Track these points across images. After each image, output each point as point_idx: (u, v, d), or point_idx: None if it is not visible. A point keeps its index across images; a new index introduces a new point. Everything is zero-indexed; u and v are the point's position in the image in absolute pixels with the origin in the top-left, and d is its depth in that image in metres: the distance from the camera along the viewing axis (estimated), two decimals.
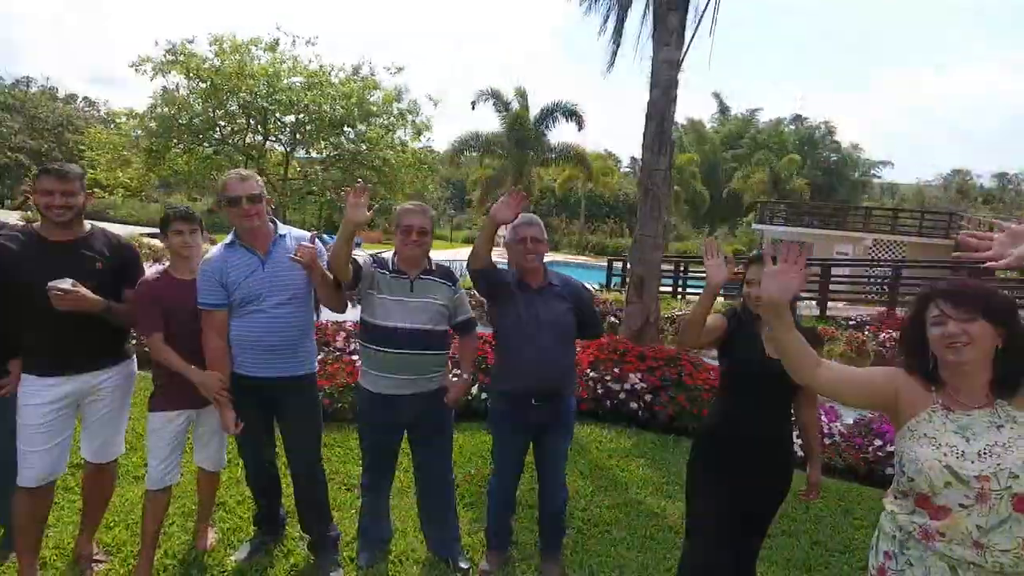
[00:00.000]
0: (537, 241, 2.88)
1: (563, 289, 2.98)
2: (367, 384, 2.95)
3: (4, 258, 2.56)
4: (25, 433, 2.66)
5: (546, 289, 2.93)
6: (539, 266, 2.92)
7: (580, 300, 3.01)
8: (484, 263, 2.82)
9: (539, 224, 2.92)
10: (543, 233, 2.92)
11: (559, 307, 2.90)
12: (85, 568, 2.91)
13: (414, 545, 3.24)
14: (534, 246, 2.88)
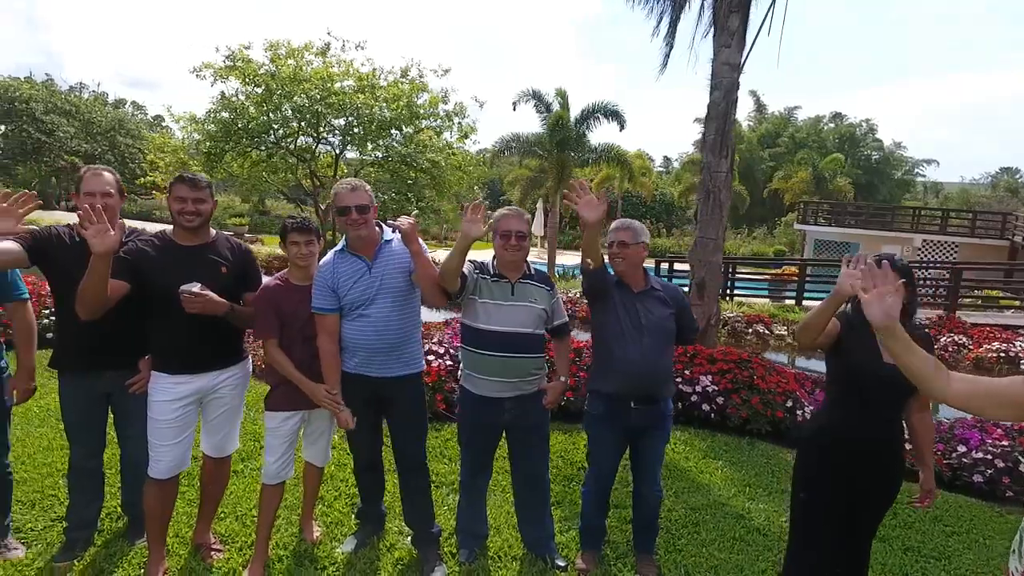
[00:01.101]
0: (623, 245, 2.94)
1: (665, 293, 3.03)
2: (469, 386, 3.05)
3: (141, 262, 2.72)
4: (156, 428, 2.82)
5: (648, 293, 2.99)
6: (628, 270, 2.98)
7: (681, 305, 3.06)
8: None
9: (631, 228, 2.97)
10: (634, 237, 2.96)
11: (661, 311, 2.96)
12: (205, 556, 3.06)
13: (510, 542, 3.33)
14: (620, 250, 2.95)
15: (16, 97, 29.86)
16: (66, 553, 2.99)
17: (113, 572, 2.91)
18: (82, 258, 2.75)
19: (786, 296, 15.50)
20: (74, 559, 2.97)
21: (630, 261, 2.95)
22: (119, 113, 38.06)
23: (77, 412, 2.96)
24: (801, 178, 33.01)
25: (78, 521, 3.08)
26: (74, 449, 3.03)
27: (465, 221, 2.71)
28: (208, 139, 12.81)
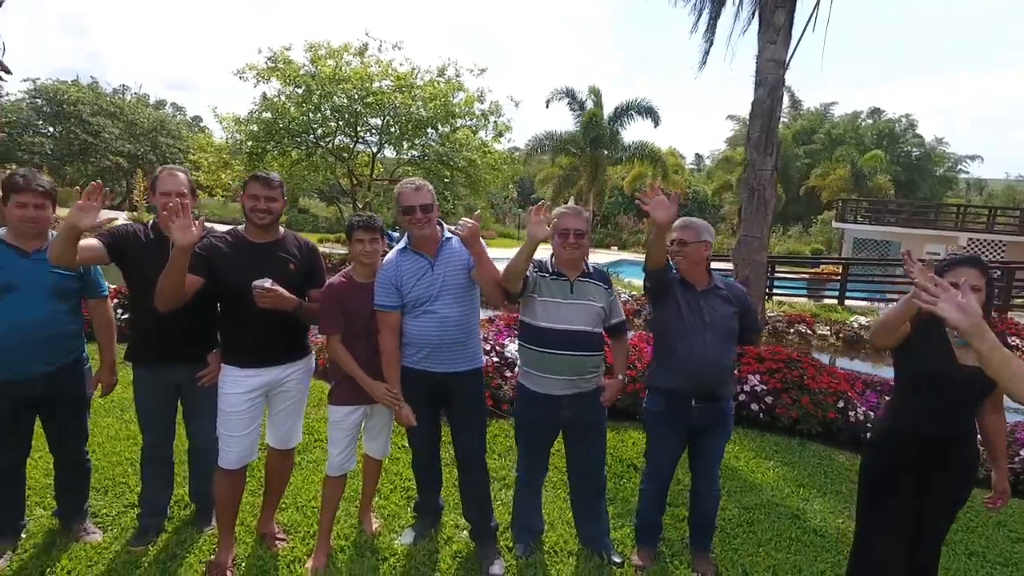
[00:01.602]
0: (684, 243, 2.94)
1: (729, 292, 3.02)
2: (527, 383, 3.08)
3: (215, 258, 2.81)
4: (226, 419, 2.91)
5: (711, 291, 2.98)
6: (689, 267, 2.97)
7: (744, 305, 3.05)
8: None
9: (692, 227, 2.96)
10: (695, 235, 2.95)
11: (725, 310, 2.95)
12: (270, 544, 3.15)
13: (565, 538, 3.35)
14: (680, 248, 2.95)
15: (64, 100, 30.90)
16: (140, 538, 3.11)
17: (185, 557, 3.01)
18: (156, 255, 2.87)
19: (825, 295, 15.22)
20: (148, 544, 3.08)
21: (691, 259, 2.95)
22: (160, 114, 39.10)
23: (150, 403, 3.08)
24: (839, 175, 32.31)
25: (150, 508, 3.20)
26: (147, 438, 3.15)
27: (531, 224, 2.74)
28: (251, 139, 13.08)
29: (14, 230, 2.80)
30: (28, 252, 2.79)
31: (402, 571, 3.03)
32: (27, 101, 31.51)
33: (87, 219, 2.48)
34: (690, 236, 2.94)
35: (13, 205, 2.77)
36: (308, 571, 2.97)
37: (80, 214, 2.47)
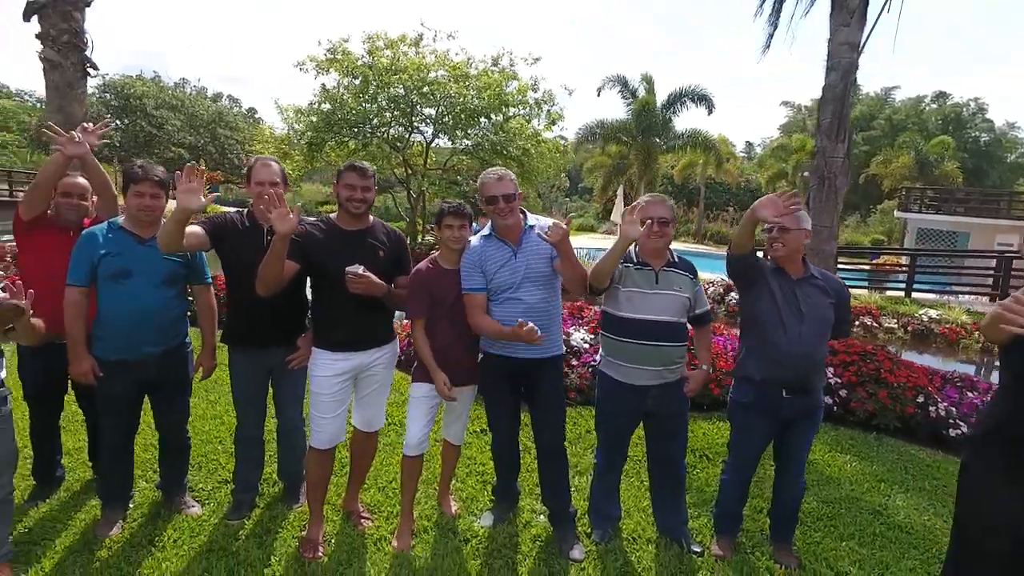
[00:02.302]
0: (785, 230, 2.87)
1: (825, 282, 2.96)
2: (611, 372, 3.09)
3: (309, 245, 2.91)
4: (318, 401, 3.02)
5: (807, 280, 2.93)
6: (788, 255, 2.92)
7: (841, 297, 2.98)
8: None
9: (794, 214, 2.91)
10: (797, 222, 2.89)
11: (821, 300, 2.90)
12: (356, 523, 3.27)
13: (643, 525, 3.37)
14: (781, 235, 2.89)
15: (131, 94, 32.27)
16: (235, 512, 3.26)
17: (279, 532, 3.15)
18: (251, 242, 2.99)
19: (887, 287, 14.70)
20: (243, 518, 3.24)
21: (791, 247, 2.90)
22: (218, 107, 40.42)
23: (244, 384, 3.22)
24: (903, 163, 30.99)
25: (243, 484, 3.35)
26: (240, 418, 3.29)
27: (625, 223, 2.75)
28: (310, 129, 13.39)
29: (131, 218, 2.96)
30: (144, 239, 2.95)
31: (484, 553, 3.09)
32: (97, 96, 32.96)
33: (194, 200, 2.58)
34: (792, 223, 2.88)
35: (131, 194, 2.93)
36: (394, 549, 3.06)
37: (188, 196, 2.57)
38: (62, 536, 3.02)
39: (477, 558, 3.05)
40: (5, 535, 2.73)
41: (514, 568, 2.99)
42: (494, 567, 2.98)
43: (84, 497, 3.37)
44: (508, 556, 3.07)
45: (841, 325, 2.99)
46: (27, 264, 3.05)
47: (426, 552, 3.06)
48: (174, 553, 2.93)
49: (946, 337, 9.25)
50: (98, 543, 2.96)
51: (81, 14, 6.15)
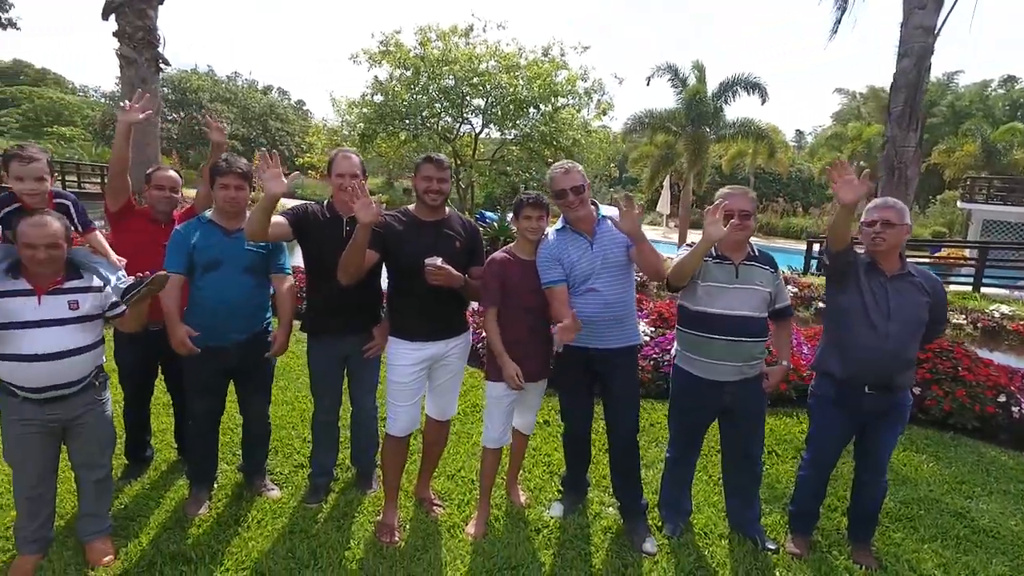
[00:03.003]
0: (889, 224, 2.77)
1: (924, 282, 2.85)
2: (687, 367, 3.06)
3: (389, 236, 2.96)
4: (394, 390, 3.08)
5: (903, 277, 2.83)
6: (889, 251, 2.82)
7: (938, 297, 2.86)
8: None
9: (896, 208, 2.80)
10: (899, 217, 2.78)
11: (916, 299, 2.79)
12: (428, 510, 3.33)
13: (715, 521, 3.33)
14: (883, 229, 2.79)
15: (187, 88, 33.31)
16: (313, 496, 3.36)
17: (354, 517, 3.24)
18: (332, 233, 3.07)
19: (949, 281, 14.11)
20: (320, 502, 3.33)
21: (891, 242, 2.80)
22: (269, 99, 41.38)
23: (321, 372, 3.31)
24: (968, 151, 29.57)
25: (320, 469, 3.45)
26: (318, 404, 3.39)
27: (708, 224, 2.71)
28: (362, 121, 13.60)
29: (219, 211, 3.07)
30: (230, 231, 3.05)
31: (556, 543, 3.12)
32: None
33: (277, 186, 2.64)
34: (895, 217, 2.78)
35: (218, 187, 3.04)
36: (469, 537, 3.11)
37: (272, 182, 2.64)
38: (155, 513, 3.17)
39: (549, 548, 3.08)
40: (106, 510, 2.89)
41: (587, 559, 3.00)
42: (567, 557, 3.00)
43: (171, 477, 3.53)
44: (580, 547, 3.08)
45: (935, 325, 2.88)
46: (121, 254, 3.18)
47: (499, 540, 3.10)
48: (259, 533, 3.04)
49: (1019, 334, 8.83)
50: (188, 521, 3.10)
51: (155, 12, 6.36)
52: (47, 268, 2.49)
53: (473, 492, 3.51)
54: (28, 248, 2.44)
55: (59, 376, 2.53)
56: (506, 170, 14.63)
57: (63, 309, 2.51)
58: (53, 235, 2.47)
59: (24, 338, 2.44)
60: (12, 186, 2.78)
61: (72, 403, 2.61)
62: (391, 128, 13.68)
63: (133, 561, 2.78)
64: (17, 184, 2.75)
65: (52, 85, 47.43)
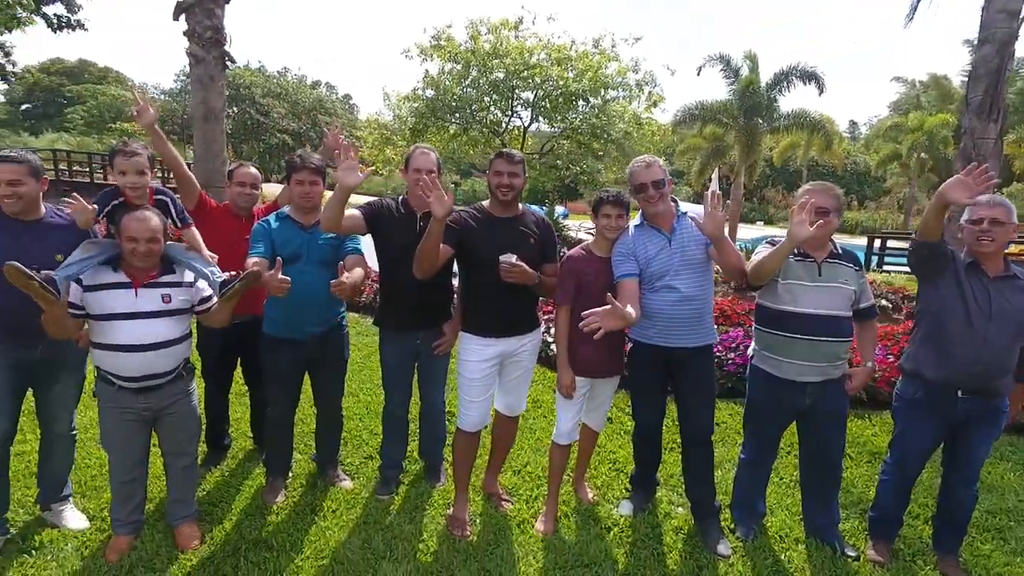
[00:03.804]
0: (998, 223, 2.62)
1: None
2: (766, 367, 2.98)
3: (464, 231, 2.97)
4: (466, 385, 3.10)
5: (1007, 280, 2.68)
6: (995, 251, 2.68)
7: None
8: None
9: (1004, 205, 2.65)
10: (1008, 215, 2.64)
11: (1020, 302, 2.65)
12: (497, 504, 3.34)
13: (789, 524, 3.26)
14: (992, 227, 2.63)
15: (241, 84, 34.17)
16: (384, 488, 3.41)
17: (426, 510, 3.27)
18: (405, 228, 3.09)
19: None
20: (391, 494, 3.38)
21: (1000, 241, 2.66)
22: (318, 93, 42.15)
23: (393, 366, 3.34)
24: None
25: (389, 461, 3.50)
26: (388, 398, 3.43)
27: (794, 224, 2.62)
28: (413, 115, 13.72)
29: (295, 206, 3.13)
30: (307, 226, 3.11)
31: (628, 541, 3.09)
32: None
33: (351, 177, 2.69)
34: (1003, 215, 2.63)
35: (293, 183, 3.10)
36: (539, 533, 3.12)
37: (347, 173, 2.69)
38: (236, 500, 3.27)
39: (621, 547, 3.05)
40: (192, 496, 2.99)
41: (661, 559, 2.97)
42: (640, 557, 2.97)
43: (248, 465, 3.63)
44: (652, 547, 3.05)
45: None
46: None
47: (570, 537, 3.10)
48: (334, 523, 3.10)
49: None
50: (267, 508, 3.18)
51: (221, 10, 6.54)
52: (145, 262, 2.59)
53: (540, 488, 3.51)
54: (130, 241, 2.55)
55: (152, 366, 2.63)
56: (556, 163, 14.55)
57: (157, 302, 2.61)
58: (153, 230, 2.57)
59: (121, 329, 2.55)
60: (116, 180, 2.91)
61: (163, 393, 2.71)
62: (440, 122, 13.76)
63: (218, 546, 2.88)
64: (120, 178, 2.88)
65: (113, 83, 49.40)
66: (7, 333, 2.59)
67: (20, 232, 2.61)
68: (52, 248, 2.62)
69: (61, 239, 2.66)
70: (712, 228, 2.72)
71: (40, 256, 2.56)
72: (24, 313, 2.53)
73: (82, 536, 2.90)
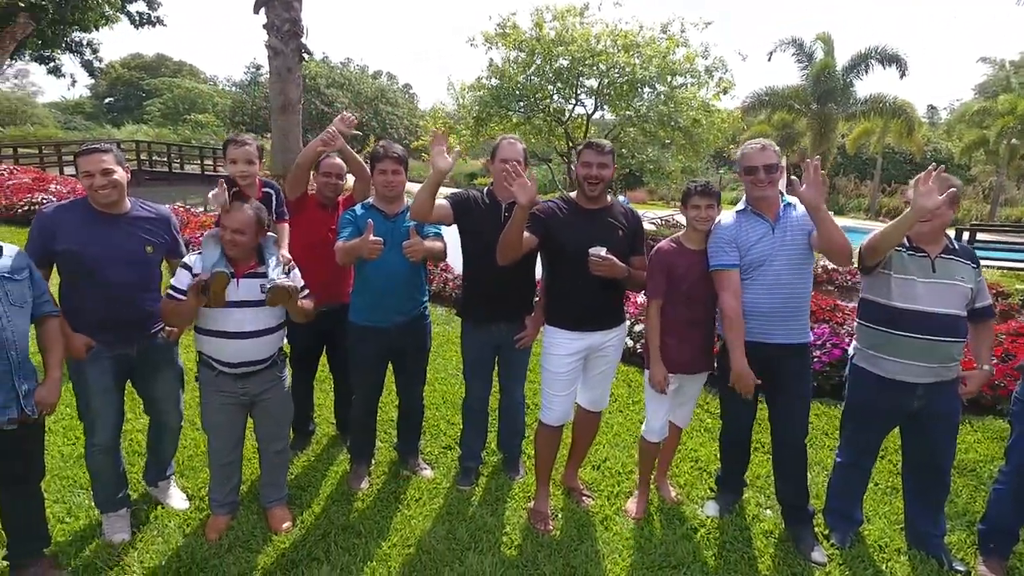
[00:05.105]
0: None
1: None
2: (869, 366, 2.83)
3: (551, 221, 2.92)
4: (550, 379, 3.06)
5: None
6: None
7: None
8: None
9: None
10: None
11: None
12: (578, 499, 3.30)
13: (888, 534, 3.09)
14: None
15: (306, 75, 34.95)
16: (465, 478, 3.42)
17: (507, 502, 3.26)
18: (492, 219, 3.05)
19: None
20: (472, 485, 3.39)
21: None
22: (379, 84, 42.79)
23: (475, 357, 3.33)
24: None
25: (469, 452, 3.50)
26: (469, 390, 3.43)
27: (920, 194, 2.45)
28: (478, 104, 13.73)
29: (378, 195, 3.15)
30: (389, 215, 3.12)
31: (716, 543, 3.00)
32: None
33: (443, 162, 2.72)
34: None
35: (376, 172, 3.12)
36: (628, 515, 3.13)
37: (438, 159, 2.72)
38: (323, 485, 3.34)
39: (709, 548, 2.97)
40: (283, 479, 3.07)
41: (752, 563, 2.87)
42: (730, 560, 2.88)
43: (332, 451, 3.71)
44: (742, 550, 2.95)
45: None
46: (294, 237, 3.34)
47: (655, 536, 3.03)
48: (418, 512, 3.13)
49: None
50: (353, 494, 3.24)
51: (299, 3, 6.66)
52: (234, 251, 2.65)
53: (623, 484, 3.46)
54: (222, 229, 2.62)
55: (250, 353, 2.70)
56: (620, 152, 14.28)
57: (255, 292, 2.67)
58: (240, 221, 2.62)
59: (225, 316, 2.63)
60: (228, 169, 3.00)
61: (259, 379, 2.78)
62: (504, 111, 13.71)
63: (308, 529, 2.95)
64: (231, 167, 2.97)
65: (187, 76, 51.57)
66: (108, 336, 2.66)
67: (113, 225, 2.64)
68: (142, 240, 2.70)
69: (149, 231, 2.73)
70: (811, 196, 2.58)
71: (132, 249, 2.66)
72: (122, 317, 2.65)
73: (183, 515, 3.02)
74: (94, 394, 2.69)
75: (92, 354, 2.63)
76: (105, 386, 2.71)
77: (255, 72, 44.44)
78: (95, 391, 2.69)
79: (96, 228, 2.60)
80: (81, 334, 2.60)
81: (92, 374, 2.66)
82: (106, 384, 2.71)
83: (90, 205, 2.62)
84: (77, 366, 2.66)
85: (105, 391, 2.71)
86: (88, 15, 15.66)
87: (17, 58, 16.97)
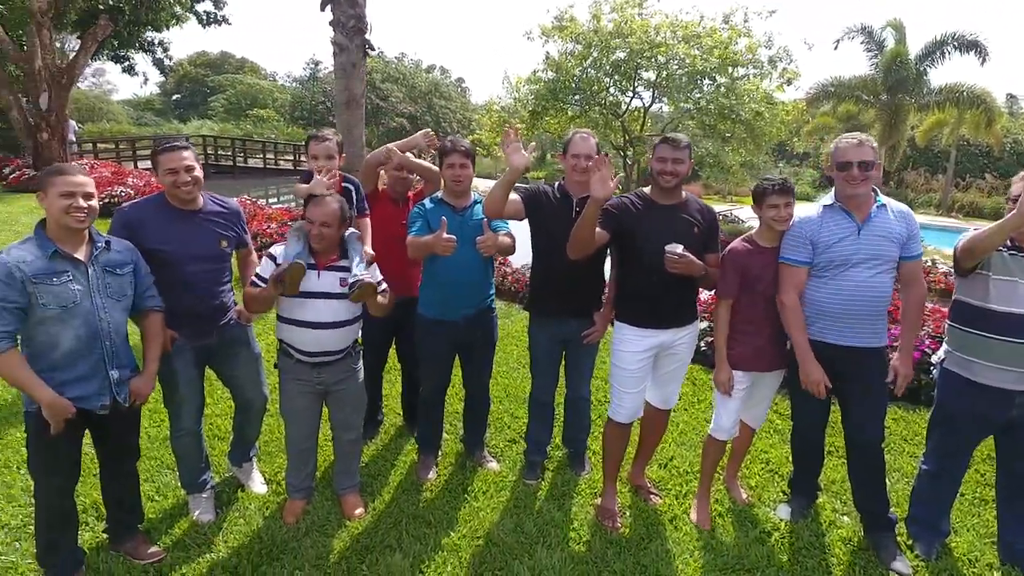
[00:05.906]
0: None
1: None
2: (962, 371, 2.69)
3: (625, 217, 2.86)
4: (620, 376, 3.02)
5: None
6: None
7: None
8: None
9: None
10: None
11: None
12: (645, 497, 3.26)
13: (980, 548, 2.94)
14: None
15: None
16: (531, 472, 3.42)
17: (573, 498, 3.25)
18: (563, 215, 3.03)
19: None
20: (537, 479, 3.39)
21: None
22: (433, 78, 43.20)
23: (542, 353, 3.32)
24: None
25: (535, 447, 3.50)
26: (535, 385, 3.42)
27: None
28: (535, 97, 13.70)
29: (447, 189, 3.16)
30: (458, 209, 3.14)
31: (790, 548, 2.92)
32: None
33: (519, 159, 2.71)
34: None
35: (444, 166, 3.14)
36: (694, 522, 3.04)
37: (513, 156, 2.71)
38: (391, 474, 3.40)
39: (784, 553, 2.89)
40: (356, 467, 3.14)
41: (829, 571, 2.78)
42: (807, 567, 2.79)
43: (400, 441, 3.77)
44: (819, 556, 2.86)
45: None
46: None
47: (727, 538, 2.97)
48: (486, 504, 3.15)
49: None
50: (421, 484, 3.28)
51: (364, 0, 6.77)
52: (320, 244, 2.71)
53: (690, 484, 3.40)
54: (308, 223, 2.69)
55: (328, 343, 2.76)
56: None
57: (335, 284, 2.73)
58: (327, 214, 2.68)
59: (305, 306, 2.70)
60: (309, 164, 3.08)
61: (335, 368, 2.84)
62: (560, 104, 13.63)
63: (379, 517, 3.01)
64: (312, 162, 3.04)
65: (249, 72, 53.22)
66: (190, 327, 2.75)
67: (190, 222, 2.71)
68: (217, 236, 2.79)
69: (222, 226, 2.82)
70: None
71: (208, 244, 2.75)
72: (202, 309, 2.75)
73: (263, 498, 3.12)
74: (179, 383, 2.80)
75: (176, 346, 2.74)
76: (189, 376, 2.82)
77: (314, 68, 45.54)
78: (180, 381, 2.80)
79: (176, 225, 2.67)
80: None
81: (177, 364, 2.77)
82: (190, 375, 2.82)
83: (166, 202, 2.69)
84: (163, 357, 2.77)
85: (189, 381, 2.83)
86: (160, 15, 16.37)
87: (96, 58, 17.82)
